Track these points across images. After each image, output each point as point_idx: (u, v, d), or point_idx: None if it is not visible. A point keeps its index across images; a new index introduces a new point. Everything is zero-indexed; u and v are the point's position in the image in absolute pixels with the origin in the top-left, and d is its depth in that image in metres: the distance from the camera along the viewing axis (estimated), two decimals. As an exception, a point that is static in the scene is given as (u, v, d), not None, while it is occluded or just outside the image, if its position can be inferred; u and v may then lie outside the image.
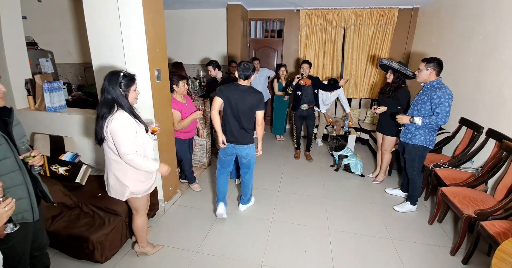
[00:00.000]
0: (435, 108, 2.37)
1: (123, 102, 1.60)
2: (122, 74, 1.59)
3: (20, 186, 1.31)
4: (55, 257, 2.01)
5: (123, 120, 1.57)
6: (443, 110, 2.33)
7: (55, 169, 2.36)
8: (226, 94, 2.28)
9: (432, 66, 2.40)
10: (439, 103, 2.34)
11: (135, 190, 1.79)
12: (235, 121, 2.33)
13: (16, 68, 2.76)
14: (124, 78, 1.59)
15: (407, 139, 2.63)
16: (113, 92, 1.57)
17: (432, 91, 2.40)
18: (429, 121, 2.38)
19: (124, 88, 1.60)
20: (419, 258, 2.18)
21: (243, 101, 2.26)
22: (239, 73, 2.27)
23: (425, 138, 2.53)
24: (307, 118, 3.91)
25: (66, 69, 4.59)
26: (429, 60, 2.42)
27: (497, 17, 2.74)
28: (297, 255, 2.19)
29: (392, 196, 3.10)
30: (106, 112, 1.58)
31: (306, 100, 3.79)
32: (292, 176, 3.56)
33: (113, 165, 1.72)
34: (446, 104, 2.32)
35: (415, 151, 2.61)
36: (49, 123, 2.77)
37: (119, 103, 1.59)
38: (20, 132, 1.36)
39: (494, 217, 2.03)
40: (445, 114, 2.33)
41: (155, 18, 2.29)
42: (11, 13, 2.67)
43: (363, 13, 4.72)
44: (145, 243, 2.08)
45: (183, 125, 2.71)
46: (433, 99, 2.37)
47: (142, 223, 1.98)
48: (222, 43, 5.30)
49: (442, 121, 2.35)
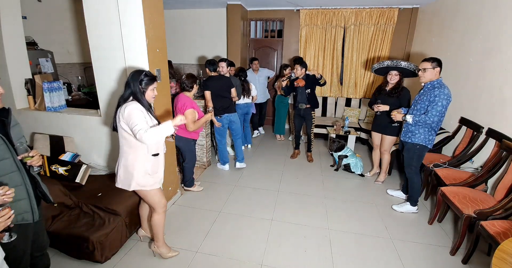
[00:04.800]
0: (429, 106, 2.40)
1: (140, 97, 1.75)
2: (144, 73, 1.76)
3: (19, 187, 1.30)
4: (55, 257, 2.01)
5: (136, 106, 1.71)
6: (433, 109, 2.36)
7: (55, 169, 2.36)
8: (211, 85, 3.25)
9: (436, 65, 2.41)
10: (433, 102, 2.37)
11: (141, 181, 1.83)
12: (223, 99, 3.36)
13: (16, 68, 2.76)
14: (145, 77, 1.76)
15: (407, 137, 2.64)
16: (133, 87, 1.74)
17: (432, 90, 2.41)
18: (419, 119, 2.43)
19: (143, 85, 1.76)
20: (419, 258, 2.18)
21: (222, 85, 3.33)
22: (209, 68, 3.35)
23: (424, 137, 2.54)
24: (305, 118, 3.88)
25: (66, 69, 4.59)
26: (433, 59, 2.42)
27: (497, 17, 2.74)
28: (297, 255, 2.19)
29: (393, 197, 3.10)
30: (122, 101, 1.76)
31: (301, 100, 3.76)
32: (292, 176, 3.56)
33: (124, 155, 1.81)
34: (439, 104, 2.34)
35: (413, 149, 2.62)
36: (49, 123, 2.77)
37: (137, 98, 1.74)
38: (18, 133, 1.36)
39: (494, 216, 2.03)
40: (434, 113, 2.35)
41: (155, 18, 2.29)
42: (11, 13, 2.67)
43: (363, 13, 4.72)
44: (160, 243, 2.07)
45: (198, 126, 2.73)
46: (430, 98, 2.40)
47: (158, 221, 1.99)
48: (222, 43, 5.30)
49: (430, 120, 2.38)
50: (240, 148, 3.70)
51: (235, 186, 3.28)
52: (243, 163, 3.73)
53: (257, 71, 4.70)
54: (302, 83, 3.58)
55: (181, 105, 2.67)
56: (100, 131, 2.64)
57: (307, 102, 3.75)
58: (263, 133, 5.35)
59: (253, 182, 3.38)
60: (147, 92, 1.79)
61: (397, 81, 2.98)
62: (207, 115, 2.83)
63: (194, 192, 3.09)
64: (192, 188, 3.10)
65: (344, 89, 5.25)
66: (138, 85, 1.74)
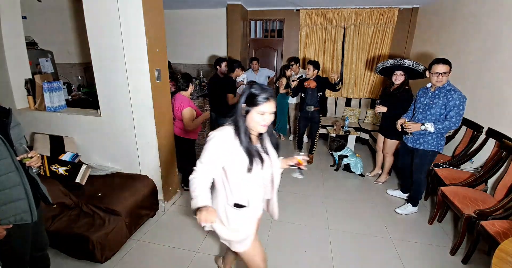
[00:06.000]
0: (449, 111, 2.28)
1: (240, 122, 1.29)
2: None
3: (17, 187, 1.31)
4: (55, 257, 2.00)
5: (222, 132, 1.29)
6: (457, 113, 2.25)
7: (55, 169, 2.36)
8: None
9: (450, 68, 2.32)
10: (454, 106, 2.26)
11: (219, 232, 1.41)
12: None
13: (16, 68, 2.76)
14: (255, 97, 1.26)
15: (418, 144, 2.54)
16: (236, 110, 1.30)
17: (447, 94, 2.31)
18: (442, 127, 2.29)
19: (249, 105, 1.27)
20: (419, 258, 2.18)
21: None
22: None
23: (437, 142, 2.47)
24: (312, 120, 3.76)
25: (66, 69, 4.58)
26: (449, 62, 2.30)
27: (497, 17, 2.74)
28: (297, 255, 2.19)
29: (392, 196, 3.09)
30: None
31: (310, 103, 3.62)
32: (292, 176, 3.55)
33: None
34: (461, 108, 2.25)
35: (426, 156, 2.54)
36: (49, 123, 2.77)
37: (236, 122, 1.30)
38: (18, 133, 1.36)
39: (494, 216, 2.02)
40: (459, 118, 2.26)
41: (155, 18, 2.29)
42: (11, 13, 2.66)
43: (363, 13, 4.72)
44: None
45: (196, 124, 2.74)
46: (449, 102, 2.28)
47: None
48: (222, 43, 5.29)
49: (455, 125, 2.28)
50: None
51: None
52: None
53: (257, 71, 4.70)
54: (313, 85, 3.44)
55: (178, 105, 2.67)
56: (100, 131, 2.63)
57: (317, 105, 3.62)
58: (263, 133, 5.34)
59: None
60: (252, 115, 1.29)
61: (401, 81, 2.93)
62: (205, 113, 2.83)
63: None
64: None
65: (344, 89, 5.24)
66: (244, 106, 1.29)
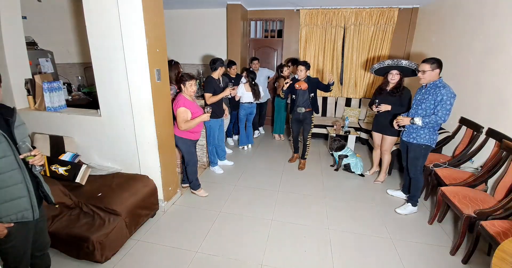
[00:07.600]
0: (437, 106, 2.39)
1: None
2: None
3: (19, 185, 1.32)
4: (55, 257, 2.00)
5: None
6: (443, 108, 2.35)
7: (55, 169, 2.36)
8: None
9: (436, 66, 2.39)
10: (441, 101, 2.35)
11: None
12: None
13: (16, 68, 2.76)
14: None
15: (412, 138, 2.62)
16: None
17: (436, 90, 2.40)
18: (429, 120, 2.40)
19: None
20: (419, 258, 2.18)
21: None
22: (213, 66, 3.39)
23: (429, 137, 2.55)
24: (304, 122, 3.59)
25: (66, 69, 4.58)
26: (432, 60, 2.41)
27: (497, 17, 2.74)
28: (297, 255, 2.19)
29: (393, 197, 3.09)
30: None
31: (301, 104, 3.49)
32: (292, 176, 3.56)
33: None
34: (447, 103, 2.33)
35: (419, 150, 2.61)
36: (49, 123, 2.77)
37: None
38: (23, 132, 1.37)
39: (494, 216, 2.03)
40: (445, 112, 2.35)
41: (155, 18, 2.29)
42: (11, 13, 2.67)
43: (363, 13, 4.72)
44: None
45: (189, 126, 2.62)
46: (437, 97, 2.38)
47: None
48: (222, 43, 5.29)
49: (442, 120, 2.37)
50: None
51: (235, 186, 3.27)
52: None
53: (257, 71, 4.69)
54: (304, 87, 3.33)
55: (174, 104, 2.66)
56: (100, 131, 2.63)
57: (308, 106, 3.50)
58: (263, 133, 5.35)
59: (253, 182, 3.38)
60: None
61: (397, 80, 2.97)
62: (203, 115, 2.67)
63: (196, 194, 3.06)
64: (197, 192, 3.03)
65: (344, 89, 5.25)
66: None
